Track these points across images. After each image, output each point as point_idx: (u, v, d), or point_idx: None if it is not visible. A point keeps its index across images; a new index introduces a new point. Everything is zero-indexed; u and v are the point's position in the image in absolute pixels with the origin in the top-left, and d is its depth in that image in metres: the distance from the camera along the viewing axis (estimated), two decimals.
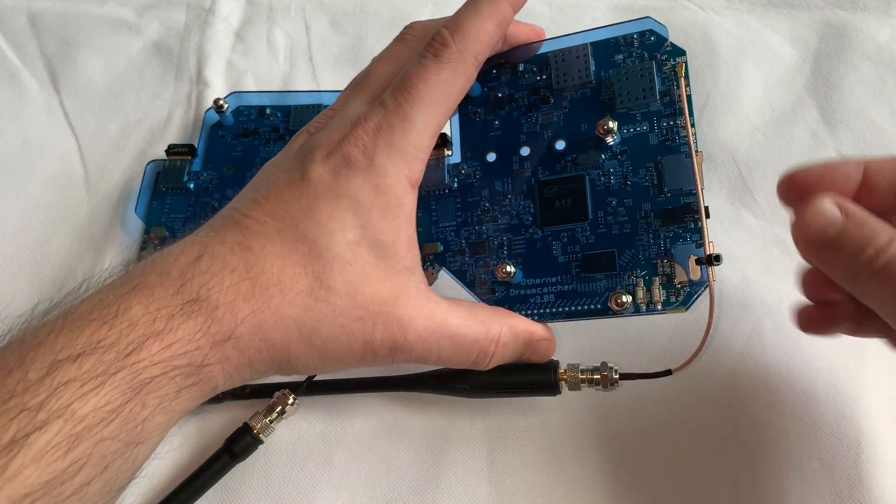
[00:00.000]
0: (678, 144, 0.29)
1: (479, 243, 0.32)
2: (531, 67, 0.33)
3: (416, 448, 0.33)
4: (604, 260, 0.30)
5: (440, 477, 0.33)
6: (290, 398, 0.33)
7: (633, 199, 0.30)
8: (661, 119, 0.30)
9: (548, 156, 0.31)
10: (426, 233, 0.33)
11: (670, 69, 0.30)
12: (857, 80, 0.41)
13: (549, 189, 0.31)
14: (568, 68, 0.32)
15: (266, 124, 0.40)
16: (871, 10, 0.43)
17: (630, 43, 0.31)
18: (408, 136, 0.27)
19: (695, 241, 0.28)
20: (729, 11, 0.45)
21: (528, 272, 0.31)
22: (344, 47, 0.45)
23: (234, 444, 0.32)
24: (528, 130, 0.32)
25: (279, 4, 0.47)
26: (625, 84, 0.30)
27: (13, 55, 0.46)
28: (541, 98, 0.32)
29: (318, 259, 0.26)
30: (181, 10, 0.47)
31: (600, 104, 0.31)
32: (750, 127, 0.41)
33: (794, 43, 0.43)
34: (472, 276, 0.32)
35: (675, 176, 0.29)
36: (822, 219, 0.24)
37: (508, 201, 0.32)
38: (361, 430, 0.34)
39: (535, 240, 0.31)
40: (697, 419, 0.33)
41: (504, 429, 0.34)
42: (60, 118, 0.44)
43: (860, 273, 0.24)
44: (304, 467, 0.33)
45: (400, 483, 0.33)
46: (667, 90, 0.30)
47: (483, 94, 0.33)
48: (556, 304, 0.30)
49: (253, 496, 0.33)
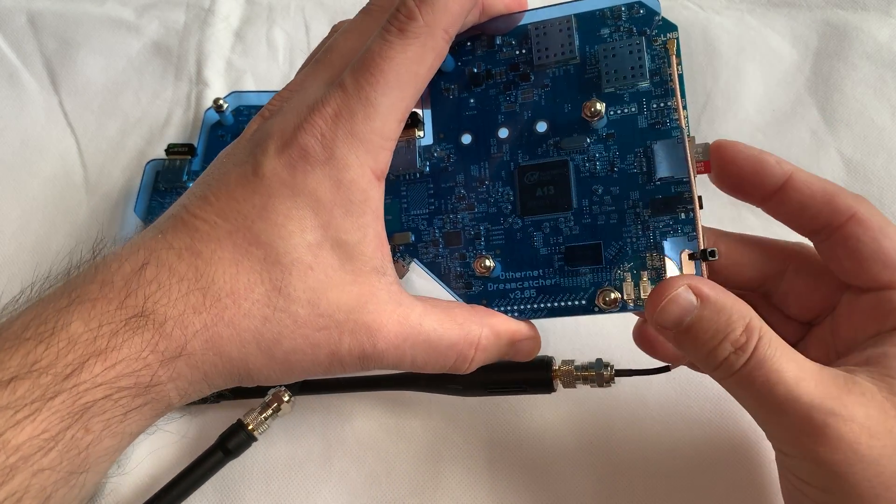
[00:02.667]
0: (669, 128, 0.27)
1: (454, 233, 0.29)
2: (509, 40, 0.29)
3: (415, 448, 0.33)
4: (589, 252, 0.27)
5: (440, 477, 0.33)
6: (285, 396, 0.33)
7: (621, 188, 0.27)
8: (651, 100, 0.27)
9: (528, 138, 0.29)
10: (395, 221, 0.30)
11: (661, 46, 0.27)
12: (857, 80, 0.41)
13: (531, 175, 0.28)
14: (550, 42, 0.28)
15: None
16: (871, 10, 0.43)
17: (617, 16, 0.28)
18: (371, 122, 0.24)
19: (686, 234, 0.26)
20: (729, 11, 0.44)
21: (507, 265, 0.28)
22: None
23: (227, 440, 0.32)
24: (507, 110, 0.29)
25: (279, 4, 0.47)
26: (612, 61, 0.27)
27: (13, 55, 0.46)
28: (520, 75, 0.29)
29: (275, 265, 0.24)
30: (181, 9, 0.47)
31: (585, 83, 0.28)
32: (750, 126, 0.41)
33: (794, 42, 0.43)
34: (446, 269, 0.29)
35: (665, 162, 0.27)
36: (677, 307, 0.23)
37: (486, 188, 0.29)
38: (361, 430, 0.34)
39: (514, 230, 0.28)
40: (696, 415, 0.33)
41: (504, 429, 0.34)
42: (60, 118, 0.44)
43: (716, 370, 0.23)
44: (304, 468, 0.33)
45: (399, 483, 0.33)
46: (657, 69, 0.27)
47: (457, 69, 0.30)
48: (538, 299, 0.28)
49: (252, 496, 0.33)
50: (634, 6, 0.28)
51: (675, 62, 0.27)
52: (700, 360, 0.24)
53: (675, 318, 0.23)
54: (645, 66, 0.27)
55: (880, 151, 0.39)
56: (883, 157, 0.39)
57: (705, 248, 0.25)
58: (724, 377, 0.23)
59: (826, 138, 0.40)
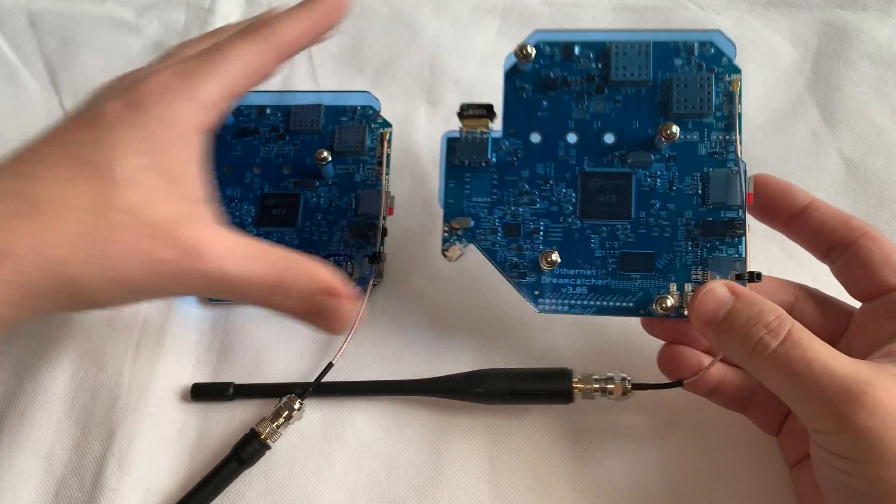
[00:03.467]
0: (725, 159, 0.30)
1: (514, 225, 0.31)
2: (587, 53, 0.32)
3: (416, 448, 0.33)
4: (642, 260, 0.30)
5: (440, 477, 0.33)
6: (296, 403, 0.33)
7: (677, 205, 0.30)
8: (713, 132, 0.31)
9: (595, 147, 0.31)
10: (457, 205, 0.32)
11: (727, 84, 0.31)
12: (857, 80, 0.41)
13: (595, 181, 0.31)
14: (628, 62, 0.31)
15: (266, 124, 0.40)
16: (871, 10, 0.43)
17: (690, 50, 0.31)
18: (204, 85, 0.28)
19: (730, 256, 0.29)
20: (729, 11, 0.45)
21: (562, 262, 0.31)
22: (343, 47, 0.45)
23: (241, 450, 0.32)
24: (578, 117, 0.32)
25: (279, 4, 0.47)
26: (683, 90, 0.31)
27: (13, 55, 0.46)
28: (595, 87, 0.32)
29: (104, 180, 0.26)
30: (181, 9, 0.47)
31: (654, 105, 0.31)
32: (750, 126, 0.41)
33: (794, 42, 0.43)
34: (502, 257, 0.31)
35: (720, 190, 0.30)
36: (714, 299, 0.27)
37: (549, 186, 0.31)
38: (361, 429, 0.34)
39: (573, 230, 0.31)
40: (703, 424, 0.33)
41: (504, 429, 0.34)
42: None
43: (752, 354, 0.26)
44: (304, 467, 0.33)
45: (400, 483, 0.33)
46: (720, 104, 0.31)
47: (534, 72, 0.33)
48: (588, 297, 0.30)
49: (253, 496, 0.33)
50: (707, 44, 0.31)
51: (737, 101, 0.31)
52: (736, 346, 0.26)
53: (712, 309, 0.27)
54: (711, 99, 0.30)
55: (880, 151, 0.39)
56: (883, 157, 0.39)
57: (752, 271, 0.29)
58: (760, 361, 0.25)
59: (826, 138, 0.40)
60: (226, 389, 0.34)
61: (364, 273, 0.36)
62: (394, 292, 0.37)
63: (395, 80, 0.44)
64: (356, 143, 0.38)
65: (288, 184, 0.39)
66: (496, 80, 0.43)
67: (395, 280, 0.38)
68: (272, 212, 0.38)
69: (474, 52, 0.45)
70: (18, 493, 0.33)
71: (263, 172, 0.39)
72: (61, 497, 0.33)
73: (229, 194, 0.39)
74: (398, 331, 0.36)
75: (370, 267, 0.36)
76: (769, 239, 0.37)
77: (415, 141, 0.42)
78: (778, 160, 0.40)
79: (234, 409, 0.35)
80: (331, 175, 0.38)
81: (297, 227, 0.37)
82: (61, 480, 0.33)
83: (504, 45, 0.45)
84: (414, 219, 0.39)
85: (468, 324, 0.36)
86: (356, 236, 0.37)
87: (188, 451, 0.34)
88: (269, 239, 0.37)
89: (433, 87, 0.43)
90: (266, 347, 0.36)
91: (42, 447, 0.34)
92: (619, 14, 0.45)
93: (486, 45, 0.45)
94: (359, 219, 0.37)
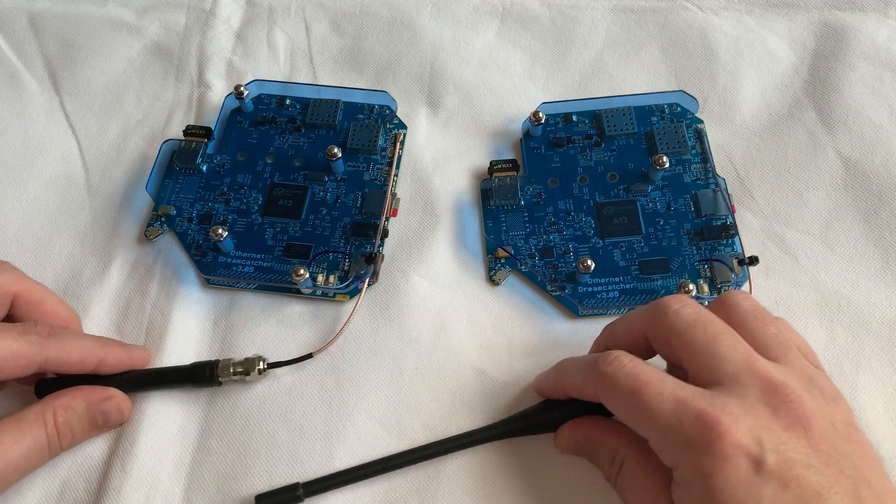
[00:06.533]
0: (707, 182, 0.38)
1: (548, 248, 0.37)
2: (584, 119, 0.41)
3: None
4: (659, 264, 0.36)
5: (441, 477, 0.33)
6: (261, 364, 0.34)
7: (677, 220, 0.37)
8: (692, 164, 0.39)
9: (602, 184, 0.39)
10: (497, 239, 0.38)
11: (695, 131, 0.40)
12: (855, 80, 0.41)
13: (608, 209, 0.38)
14: (617, 121, 0.40)
15: (284, 114, 0.41)
16: (868, 11, 0.44)
17: (662, 110, 0.41)
18: None
19: (729, 253, 0.36)
20: (727, 12, 0.45)
21: (594, 273, 0.36)
22: (344, 48, 0.45)
23: (197, 369, 0.34)
24: (584, 165, 0.39)
25: (279, 6, 0.47)
26: (663, 137, 0.39)
27: (14, 56, 0.46)
28: (594, 142, 0.40)
29: None
30: (181, 11, 0.47)
31: (642, 150, 0.40)
32: (747, 130, 0.41)
33: (791, 44, 0.44)
34: (542, 276, 0.36)
35: (709, 204, 0.37)
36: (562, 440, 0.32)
37: (571, 217, 0.38)
38: (363, 429, 0.34)
39: (597, 248, 0.37)
40: None
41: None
42: (61, 119, 0.44)
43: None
44: (305, 467, 0.33)
45: (401, 484, 0.33)
46: (693, 144, 0.39)
47: (544, 135, 0.41)
48: (621, 299, 0.36)
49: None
50: (674, 105, 0.41)
51: (706, 142, 0.39)
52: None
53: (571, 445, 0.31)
54: (686, 142, 0.39)
55: (878, 150, 0.39)
56: (881, 156, 0.39)
57: (750, 256, 0.35)
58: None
59: (824, 138, 0.40)
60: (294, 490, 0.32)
61: (360, 272, 0.36)
62: (393, 290, 0.37)
63: (396, 82, 0.44)
64: (369, 141, 0.39)
65: (298, 176, 0.39)
66: (496, 82, 0.44)
67: (394, 279, 0.38)
68: (279, 202, 0.38)
69: (474, 54, 0.45)
70: (23, 493, 0.33)
71: (275, 162, 0.40)
72: (66, 497, 0.33)
73: (240, 180, 0.39)
74: (399, 331, 0.36)
75: (366, 266, 0.36)
76: (768, 239, 0.38)
77: (415, 142, 0.42)
78: (775, 161, 0.40)
79: (233, 412, 0.35)
80: (340, 171, 0.39)
81: (301, 219, 0.38)
82: (65, 482, 0.33)
83: (504, 47, 0.45)
84: (414, 219, 0.40)
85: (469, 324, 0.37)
86: (357, 235, 0.37)
87: (188, 452, 0.34)
88: (273, 229, 0.38)
89: (433, 89, 0.44)
90: (266, 343, 0.36)
91: None
92: (618, 15, 0.45)
93: (486, 46, 0.45)
94: (362, 217, 0.38)
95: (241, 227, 0.38)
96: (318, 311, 0.37)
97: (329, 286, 0.36)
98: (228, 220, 0.38)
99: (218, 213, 0.38)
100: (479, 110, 0.43)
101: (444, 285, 0.38)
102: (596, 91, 0.43)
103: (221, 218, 0.38)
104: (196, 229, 0.38)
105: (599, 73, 0.44)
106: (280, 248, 0.37)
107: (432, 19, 0.46)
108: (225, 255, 0.37)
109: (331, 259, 0.37)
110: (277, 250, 0.37)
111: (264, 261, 0.37)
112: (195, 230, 0.38)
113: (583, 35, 0.45)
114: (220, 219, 0.38)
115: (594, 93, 0.43)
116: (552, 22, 0.45)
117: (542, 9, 0.46)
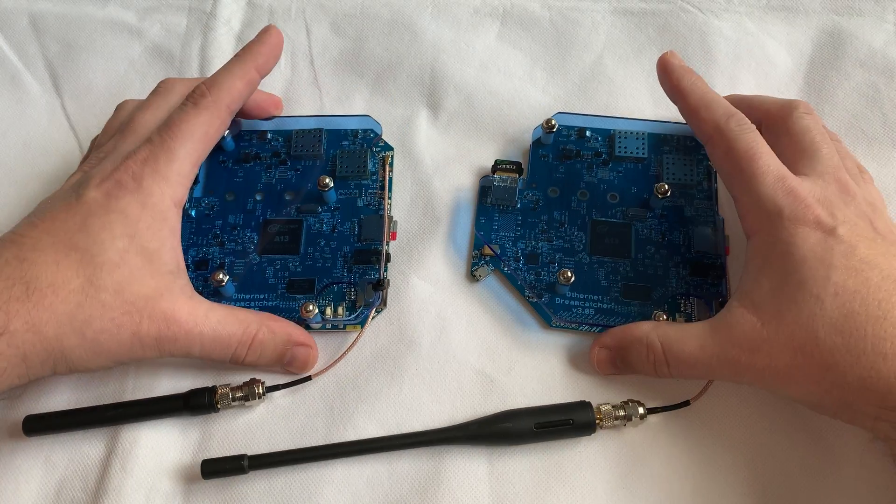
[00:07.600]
0: (707, 218, 0.38)
1: (534, 255, 0.37)
2: (597, 136, 0.40)
3: (416, 449, 0.34)
4: (641, 291, 0.36)
5: (441, 478, 0.33)
6: (260, 388, 0.34)
7: (668, 251, 0.37)
8: (695, 199, 0.38)
9: (601, 203, 0.38)
10: (486, 236, 0.37)
11: (706, 167, 0.39)
12: (849, 89, 0.41)
13: (602, 227, 0.38)
14: (629, 144, 0.40)
15: (267, 149, 0.40)
16: (867, 15, 0.44)
17: (675, 140, 0.40)
18: (172, 164, 0.32)
19: (713, 294, 0.36)
20: (727, 14, 0.45)
21: (574, 287, 0.36)
22: (345, 50, 0.45)
23: (192, 397, 0.34)
24: (588, 181, 0.39)
25: (280, 7, 0.47)
26: (672, 167, 0.39)
27: (15, 57, 0.46)
28: (602, 161, 0.40)
29: (90, 263, 0.30)
30: (182, 13, 0.47)
31: (649, 177, 0.39)
32: None
33: (789, 49, 0.44)
34: (522, 280, 0.36)
35: (704, 242, 0.37)
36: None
37: (564, 229, 0.38)
38: (363, 430, 0.34)
39: (583, 263, 0.37)
40: (708, 442, 0.34)
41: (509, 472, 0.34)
42: (62, 120, 0.44)
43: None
44: (306, 468, 0.33)
45: (401, 484, 0.33)
46: (701, 180, 0.38)
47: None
48: (596, 317, 0.35)
49: (255, 496, 0.33)
50: (690, 138, 0.40)
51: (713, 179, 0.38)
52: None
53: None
54: (694, 176, 0.38)
55: (871, 160, 0.39)
56: (874, 168, 0.39)
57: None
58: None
59: None
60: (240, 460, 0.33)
61: (368, 300, 0.36)
62: (395, 293, 0.38)
63: (396, 84, 0.44)
64: (358, 167, 0.39)
65: (290, 210, 0.38)
66: (496, 84, 0.44)
67: (394, 280, 0.38)
68: (275, 239, 0.37)
69: (475, 56, 0.45)
70: (20, 493, 0.33)
71: (266, 199, 0.39)
72: (63, 497, 0.33)
73: (232, 221, 0.38)
74: (399, 333, 0.37)
75: (374, 294, 0.35)
76: None
77: (415, 144, 0.42)
78: None
79: (233, 416, 0.35)
80: (333, 200, 0.38)
81: (300, 253, 0.37)
82: (62, 481, 0.33)
83: (504, 49, 0.45)
84: (414, 221, 0.40)
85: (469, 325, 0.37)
86: (359, 262, 0.36)
87: (189, 452, 0.34)
88: (273, 267, 0.37)
89: (434, 91, 0.44)
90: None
91: (42, 447, 0.34)
92: (619, 17, 0.46)
93: (487, 48, 0.45)
94: (361, 244, 0.37)
95: (240, 268, 0.37)
96: (321, 336, 0.37)
97: (339, 318, 0.35)
98: (226, 262, 0.37)
99: (214, 257, 0.37)
100: (479, 112, 0.43)
101: (444, 287, 0.38)
102: (596, 93, 0.43)
103: (218, 261, 0.37)
104: (193, 276, 0.36)
105: (599, 75, 0.44)
106: (283, 286, 0.36)
107: (433, 21, 0.46)
108: (227, 300, 0.36)
109: (336, 290, 0.36)
110: (280, 288, 0.36)
111: (268, 300, 0.36)
112: (192, 277, 0.36)
113: (583, 37, 0.45)
114: (216, 262, 0.37)
115: (594, 95, 0.43)
116: (552, 24, 0.45)
117: (543, 11, 0.46)
